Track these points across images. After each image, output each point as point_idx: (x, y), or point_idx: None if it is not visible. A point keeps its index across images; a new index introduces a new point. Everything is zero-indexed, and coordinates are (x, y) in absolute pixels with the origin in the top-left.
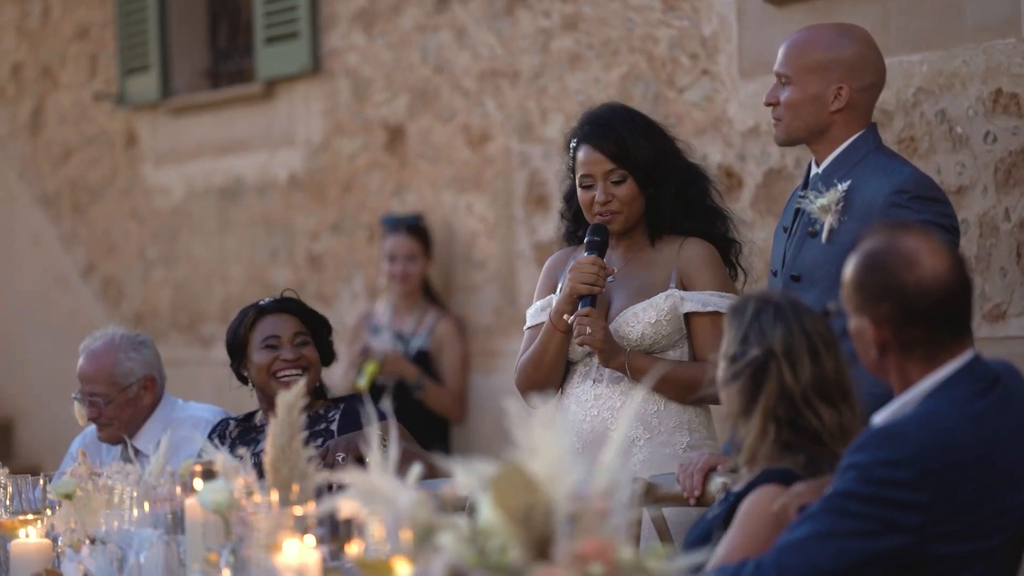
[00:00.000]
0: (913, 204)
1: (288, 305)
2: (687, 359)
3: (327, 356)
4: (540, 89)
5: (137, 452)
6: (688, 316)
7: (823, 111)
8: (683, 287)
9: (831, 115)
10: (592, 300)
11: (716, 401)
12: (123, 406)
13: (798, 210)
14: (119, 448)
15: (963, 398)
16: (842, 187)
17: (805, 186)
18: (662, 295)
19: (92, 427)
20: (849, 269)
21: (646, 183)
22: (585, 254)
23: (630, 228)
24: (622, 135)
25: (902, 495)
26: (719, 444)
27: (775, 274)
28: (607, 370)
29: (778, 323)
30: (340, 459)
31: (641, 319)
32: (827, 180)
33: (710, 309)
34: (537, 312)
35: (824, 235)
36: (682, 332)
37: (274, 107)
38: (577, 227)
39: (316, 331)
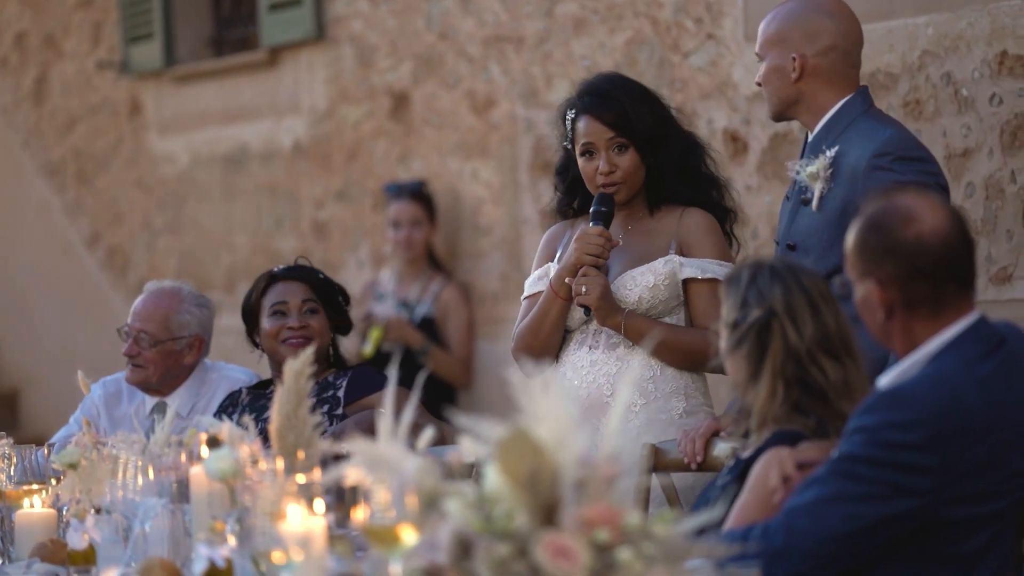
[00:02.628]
0: (895, 166)
1: (299, 272)
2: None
3: (343, 325)
4: (545, 54)
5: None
6: (686, 283)
7: (786, 82)
8: (682, 255)
9: (795, 85)
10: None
11: (714, 369)
12: (165, 355)
13: (795, 180)
14: (140, 400)
15: (970, 360)
16: (830, 153)
17: (803, 156)
18: (661, 260)
19: (113, 377)
20: (850, 237)
21: (647, 152)
22: (591, 224)
23: (631, 197)
24: (623, 104)
25: (911, 458)
26: (715, 410)
27: (778, 244)
28: (603, 337)
29: (775, 283)
30: None
31: (639, 283)
32: (816, 148)
33: (708, 276)
34: (535, 282)
35: (815, 202)
36: (679, 299)
37: (278, 75)
38: (571, 200)
39: (328, 299)
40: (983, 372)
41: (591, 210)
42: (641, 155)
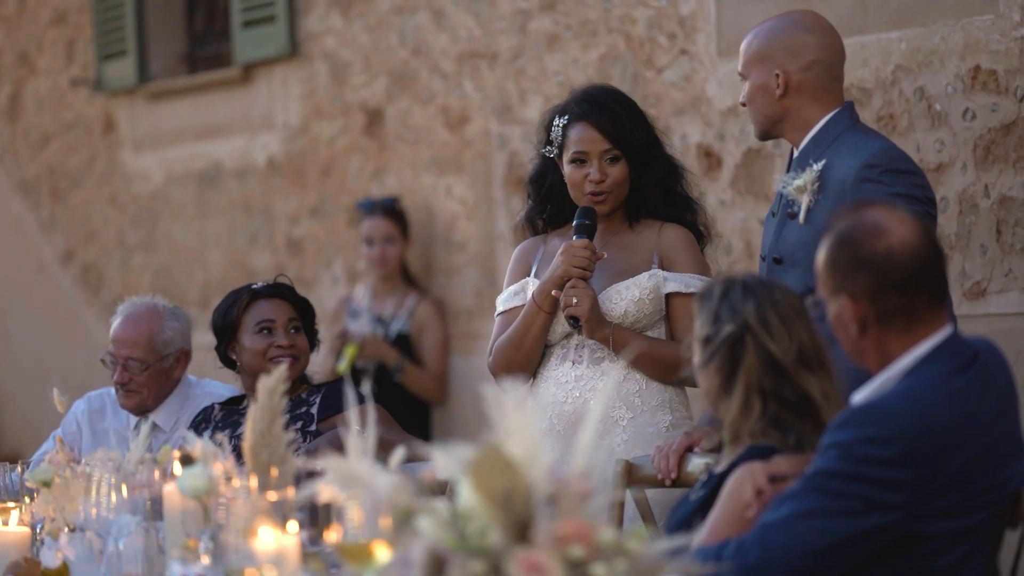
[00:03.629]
0: (884, 178)
1: (283, 291)
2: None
3: (312, 343)
4: (518, 70)
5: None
6: (669, 297)
7: (771, 100)
8: (663, 269)
9: (780, 102)
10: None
11: (694, 383)
12: (157, 375)
13: (781, 194)
14: (126, 415)
15: (943, 375)
16: (817, 167)
17: (789, 170)
18: (645, 274)
19: (98, 392)
20: (820, 254)
21: (636, 166)
22: (575, 238)
23: (612, 211)
24: (619, 115)
25: (886, 473)
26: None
27: (763, 259)
28: (586, 352)
29: (748, 297)
30: None
31: (624, 296)
32: (803, 162)
33: (692, 291)
34: (510, 297)
35: (802, 215)
36: (662, 313)
37: (252, 91)
38: (543, 209)
39: (305, 318)
40: (956, 387)
41: (574, 223)
42: (631, 168)
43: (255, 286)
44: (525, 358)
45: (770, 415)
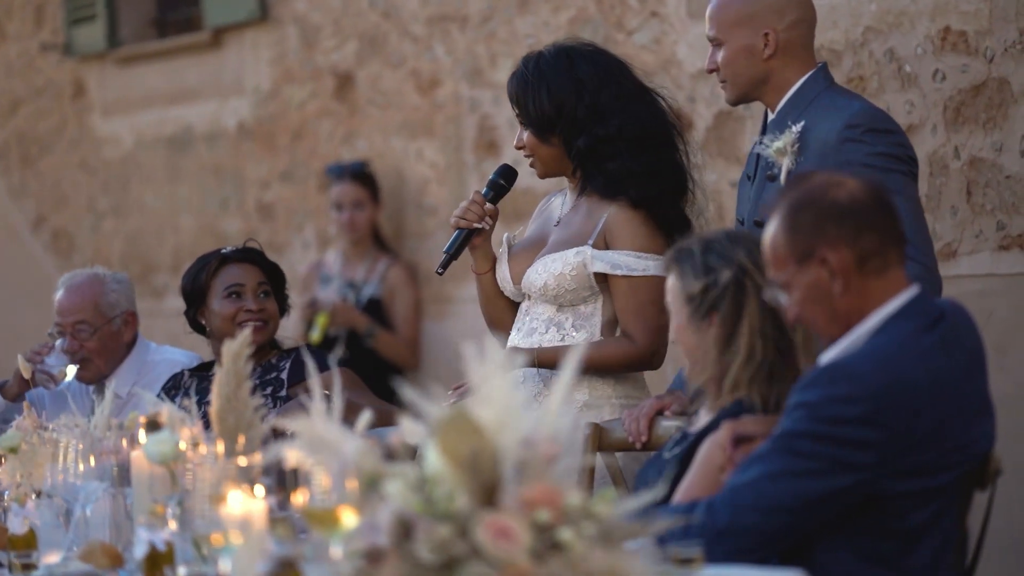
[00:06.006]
0: (866, 137)
1: (252, 255)
2: (599, 314)
3: (283, 308)
4: (489, 33)
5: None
6: (608, 277)
7: (757, 61)
8: (606, 245)
9: (766, 63)
10: (468, 236)
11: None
12: (106, 339)
13: (759, 156)
14: (84, 391)
15: (911, 333)
16: (796, 128)
17: (763, 133)
18: (574, 250)
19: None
20: (771, 238)
21: (539, 133)
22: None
23: (552, 173)
24: (517, 82)
25: (854, 433)
26: (629, 401)
27: (742, 223)
28: (528, 319)
29: (736, 245)
30: None
31: (548, 269)
32: (781, 123)
33: (620, 272)
34: None
35: (782, 177)
36: (592, 289)
37: (222, 55)
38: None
39: (275, 283)
40: (924, 345)
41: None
42: (537, 136)
43: (224, 250)
44: (489, 316)
45: (769, 367)
